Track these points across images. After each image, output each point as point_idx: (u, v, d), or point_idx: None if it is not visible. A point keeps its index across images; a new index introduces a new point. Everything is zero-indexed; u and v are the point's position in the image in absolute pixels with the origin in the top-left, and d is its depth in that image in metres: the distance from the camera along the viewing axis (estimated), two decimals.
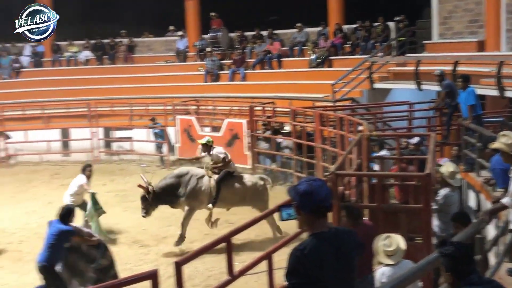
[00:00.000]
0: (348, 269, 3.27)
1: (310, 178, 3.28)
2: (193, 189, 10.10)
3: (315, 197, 3.13)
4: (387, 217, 7.34)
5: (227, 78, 19.12)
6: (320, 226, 3.19)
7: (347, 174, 7.74)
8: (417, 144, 10.18)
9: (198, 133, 15.19)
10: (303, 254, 3.09)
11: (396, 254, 5.63)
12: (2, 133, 17.52)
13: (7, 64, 21.14)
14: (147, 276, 4.52)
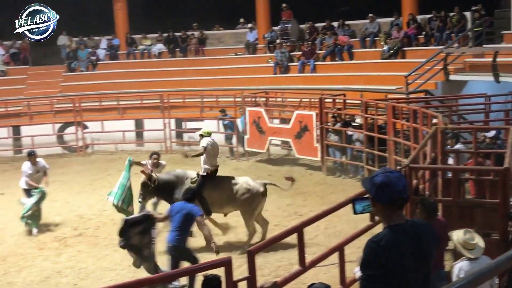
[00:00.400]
0: (425, 262, 3.21)
1: (386, 170, 3.23)
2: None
3: (393, 188, 3.08)
4: (462, 212, 7.14)
5: (296, 70, 19.07)
6: (396, 218, 3.14)
7: (421, 168, 7.58)
8: (494, 137, 9.81)
9: (268, 125, 15.25)
10: (379, 246, 3.05)
11: (477, 248, 5.47)
12: (80, 123, 18.22)
13: (85, 57, 21.95)
14: (221, 263, 4.61)
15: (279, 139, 15.64)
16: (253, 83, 18.79)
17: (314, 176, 13.89)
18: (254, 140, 15.65)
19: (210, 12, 23.98)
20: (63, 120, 18.63)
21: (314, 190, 12.67)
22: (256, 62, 20.37)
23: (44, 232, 10.49)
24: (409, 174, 6.57)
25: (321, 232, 9.69)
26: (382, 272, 3.04)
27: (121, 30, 22.82)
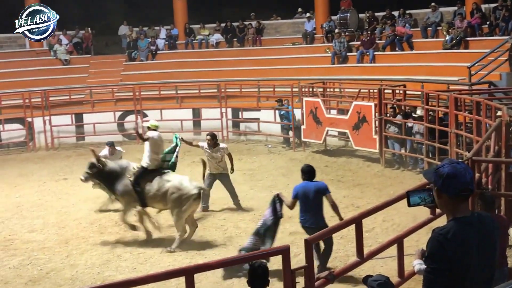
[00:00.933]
0: (491, 256, 3.11)
1: (452, 161, 3.13)
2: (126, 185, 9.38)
3: (460, 179, 2.99)
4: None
5: (355, 60, 18.80)
6: (462, 210, 3.05)
7: (484, 161, 7.36)
8: None
9: (325, 116, 15.12)
10: (446, 238, 2.96)
11: None
12: (140, 111, 18.59)
13: (145, 47, 22.35)
14: (279, 251, 4.61)
15: (336, 130, 15.49)
16: (310, 73, 18.66)
17: (372, 168, 13.70)
18: (311, 130, 15.56)
19: (267, 2, 23.98)
20: (124, 108, 19.06)
21: (371, 182, 12.50)
22: (313, 52, 20.22)
23: (104, 216, 10.77)
24: (471, 167, 6.37)
25: (378, 224, 9.56)
26: (448, 266, 2.96)
27: (180, 20, 23.11)
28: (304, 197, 7.57)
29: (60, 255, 8.92)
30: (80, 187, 12.86)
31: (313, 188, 7.60)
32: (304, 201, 7.57)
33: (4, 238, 9.80)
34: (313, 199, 7.57)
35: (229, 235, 9.52)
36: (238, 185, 12.65)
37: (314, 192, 7.58)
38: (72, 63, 22.10)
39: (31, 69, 20.96)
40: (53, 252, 9.07)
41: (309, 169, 7.79)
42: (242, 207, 11.04)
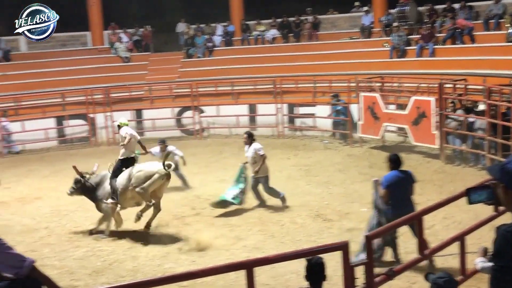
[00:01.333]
0: None
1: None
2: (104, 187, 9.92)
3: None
4: None
5: (414, 54, 18.43)
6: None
7: None
8: None
9: (383, 111, 14.91)
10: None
11: None
12: (197, 107, 18.87)
13: (201, 44, 22.64)
14: (339, 247, 4.60)
15: (394, 126, 15.25)
16: (368, 68, 18.43)
17: (432, 164, 13.42)
18: (368, 126, 15.37)
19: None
20: (181, 105, 19.40)
21: (431, 179, 12.24)
22: (371, 46, 19.95)
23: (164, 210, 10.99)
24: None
25: (438, 222, 9.36)
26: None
27: (236, 17, 23.28)
28: (399, 187, 7.39)
29: (123, 247, 9.18)
30: None
31: (405, 176, 7.49)
32: (399, 190, 7.38)
33: (69, 230, 10.16)
34: (408, 188, 7.46)
35: (286, 230, 9.55)
36: (294, 180, 12.71)
37: (407, 181, 7.48)
38: (132, 60, 22.64)
39: (93, 66, 21.64)
40: (115, 244, 9.33)
41: (397, 158, 7.63)
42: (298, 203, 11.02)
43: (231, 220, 10.23)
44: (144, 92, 20.54)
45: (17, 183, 13.62)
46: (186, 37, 23.05)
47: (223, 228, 9.80)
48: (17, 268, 3.83)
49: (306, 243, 8.76)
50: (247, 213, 10.54)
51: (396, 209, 7.23)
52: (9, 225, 10.51)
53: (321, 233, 9.26)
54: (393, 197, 7.37)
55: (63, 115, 18.60)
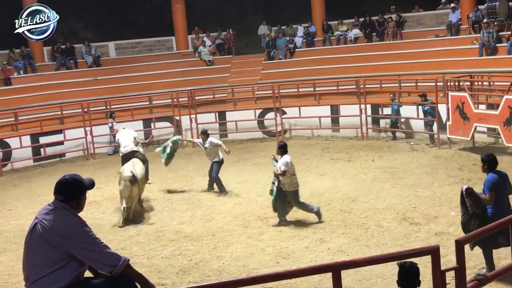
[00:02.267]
0: None
1: None
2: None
3: None
4: None
5: (505, 51, 17.56)
6: None
7: None
8: None
9: (473, 111, 14.32)
10: None
11: None
12: (279, 109, 18.91)
13: (283, 45, 22.69)
14: (429, 251, 4.44)
15: (485, 126, 14.58)
16: (455, 66, 17.77)
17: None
18: (457, 126, 14.80)
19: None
20: (263, 106, 19.51)
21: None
22: (459, 44, 19.22)
23: (248, 211, 11.11)
24: None
25: None
26: None
27: (317, 17, 23.16)
28: (500, 188, 7.13)
29: (208, 246, 9.34)
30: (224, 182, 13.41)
31: (503, 177, 7.23)
32: (501, 192, 7.12)
33: (156, 229, 10.47)
34: (506, 189, 7.21)
35: (371, 233, 9.37)
36: (380, 183, 12.46)
37: (506, 181, 7.22)
38: (215, 63, 23.07)
39: (178, 70, 22.27)
40: (201, 243, 9.52)
41: (494, 158, 7.38)
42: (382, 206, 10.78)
43: (314, 222, 10.16)
44: (227, 94, 20.86)
45: (107, 183, 14.20)
46: (267, 39, 23.20)
47: (306, 230, 9.76)
48: (112, 266, 3.98)
49: (392, 247, 8.56)
50: (331, 216, 10.43)
51: (500, 211, 6.90)
52: (101, 224, 10.97)
53: (408, 237, 9.01)
54: (498, 200, 7.08)
55: (151, 118, 19.22)
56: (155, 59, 23.10)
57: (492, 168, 7.31)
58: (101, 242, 4.02)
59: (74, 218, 4.05)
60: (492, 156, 7.44)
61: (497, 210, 7.01)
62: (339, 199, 11.48)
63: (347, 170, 13.84)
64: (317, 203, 11.24)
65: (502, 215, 6.62)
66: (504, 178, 7.26)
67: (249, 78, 21.88)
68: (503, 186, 7.16)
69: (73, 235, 3.96)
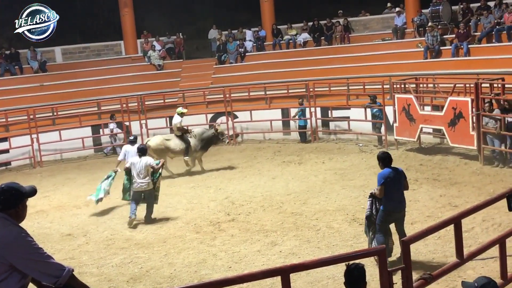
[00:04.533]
0: None
1: None
2: None
3: None
4: None
5: (449, 54, 18.11)
6: None
7: None
8: None
9: (418, 112, 14.69)
10: None
11: None
12: (230, 113, 18.92)
13: (233, 49, 22.73)
14: (376, 252, 4.54)
15: (430, 127, 15.00)
16: (401, 69, 18.20)
17: (470, 166, 13.15)
18: (404, 128, 15.17)
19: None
20: (215, 110, 19.50)
21: (469, 181, 12.00)
22: (404, 47, 19.70)
23: (199, 216, 11.06)
24: None
25: (478, 224, 9.16)
26: None
27: (267, 21, 23.30)
28: (393, 183, 7.69)
29: (159, 253, 9.25)
30: (177, 187, 13.32)
31: (398, 173, 7.80)
32: (393, 186, 7.68)
33: (106, 238, 10.29)
34: (400, 184, 7.76)
35: (322, 235, 9.48)
36: (330, 184, 12.62)
37: (399, 177, 7.78)
38: (165, 68, 22.89)
39: (127, 75, 21.96)
40: (152, 250, 9.41)
41: (388, 155, 7.95)
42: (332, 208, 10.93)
43: (266, 225, 10.21)
44: (177, 99, 20.71)
45: (54, 191, 13.88)
46: (218, 43, 23.19)
47: (258, 234, 9.79)
48: (56, 277, 3.88)
49: (343, 248, 8.68)
50: (282, 219, 10.50)
51: (393, 204, 7.74)
52: (48, 233, 10.71)
53: (358, 238, 9.15)
54: (390, 193, 7.68)
55: (99, 124, 18.90)
56: (103, 64, 22.71)
57: (386, 164, 7.82)
58: (44, 253, 3.92)
59: (15, 228, 3.93)
60: (386, 154, 7.97)
61: (389, 203, 7.72)
62: (291, 201, 11.57)
63: (298, 173, 13.97)
64: (269, 206, 11.35)
65: (396, 208, 7.78)
66: (400, 175, 7.80)
67: (200, 82, 21.81)
68: (396, 181, 7.70)
69: (14, 245, 3.84)
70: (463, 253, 5.54)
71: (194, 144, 14.79)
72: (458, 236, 5.50)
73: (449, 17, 19.24)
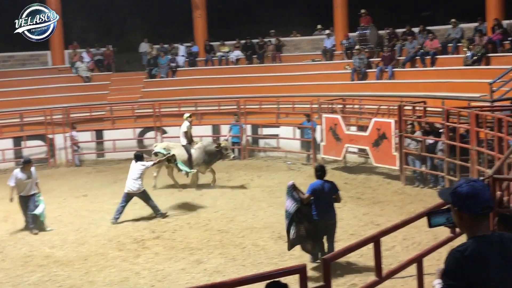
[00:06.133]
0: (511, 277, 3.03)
1: (469, 180, 3.08)
2: None
3: (480, 198, 2.95)
4: None
5: (374, 77, 18.73)
6: (482, 229, 3.01)
7: (506, 179, 7.20)
8: None
9: (344, 132, 15.05)
10: (463, 256, 2.92)
11: None
12: (160, 128, 18.69)
13: (165, 64, 22.54)
14: (295, 270, 4.55)
15: (356, 147, 15.40)
16: (330, 90, 18.62)
17: (392, 185, 13.56)
18: (331, 147, 15.49)
19: (287, 19, 24.07)
20: (143, 125, 19.20)
21: (392, 200, 12.37)
22: (333, 68, 20.20)
23: (123, 233, 10.80)
24: (492, 185, 6.25)
25: (399, 243, 9.42)
26: (464, 284, 2.91)
27: (200, 38, 23.29)
28: (322, 194, 8.42)
29: (79, 271, 8.94)
30: (100, 204, 12.97)
31: (328, 185, 8.54)
32: (321, 197, 8.41)
33: (24, 254, 9.86)
34: (329, 195, 8.48)
35: (247, 253, 9.47)
36: (257, 202, 12.66)
37: (329, 189, 8.50)
38: (93, 80, 22.36)
39: (53, 86, 21.26)
40: (72, 268, 9.09)
41: (323, 168, 8.84)
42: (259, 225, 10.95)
43: (192, 243, 10.09)
44: (105, 112, 20.27)
45: None
46: (149, 57, 22.93)
47: (183, 252, 9.66)
48: None
49: (268, 266, 8.70)
50: (208, 236, 10.42)
51: (321, 213, 8.42)
52: None
53: (283, 256, 9.20)
54: (318, 203, 8.40)
55: (21, 136, 18.17)
56: (28, 74, 21.83)
57: (318, 177, 8.60)
58: None
59: None
60: (319, 167, 8.87)
61: (318, 213, 8.45)
62: (218, 218, 11.51)
63: (227, 190, 13.93)
64: (196, 223, 11.24)
65: (323, 217, 8.47)
66: (332, 187, 8.57)
67: (129, 96, 21.44)
68: (325, 193, 8.45)
69: None
70: (381, 272, 5.66)
71: (197, 156, 14.09)
72: (377, 255, 5.62)
73: (376, 41, 19.92)
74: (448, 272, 2.97)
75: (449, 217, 3.26)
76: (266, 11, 24.74)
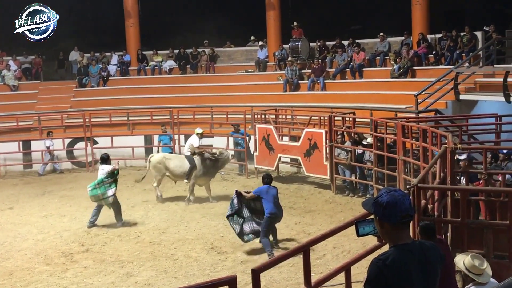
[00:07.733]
0: (433, 283, 3.16)
1: (389, 189, 3.19)
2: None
3: (400, 207, 3.05)
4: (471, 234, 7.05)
5: (306, 88, 19.08)
6: (403, 238, 3.12)
7: (430, 188, 7.50)
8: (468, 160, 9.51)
9: (277, 142, 15.22)
10: (384, 264, 3.01)
11: (485, 274, 5.36)
12: (90, 138, 18.27)
13: (96, 73, 22.09)
14: (226, 282, 4.56)
15: (288, 157, 15.60)
16: (263, 100, 18.80)
17: (323, 195, 13.82)
18: (264, 157, 15.62)
19: (221, 30, 24.16)
20: (73, 135, 18.72)
21: (322, 209, 12.60)
22: (266, 79, 20.43)
23: (51, 247, 10.47)
24: (417, 194, 6.50)
25: (329, 251, 9.62)
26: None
27: (132, 46, 22.99)
28: (271, 195, 9.87)
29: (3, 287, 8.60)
30: (27, 217, 12.53)
31: (275, 189, 10.07)
32: (270, 198, 9.84)
33: None
34: (277, 197, 10.00)
35: (179, 265, 9.39)
36: (190, 213, 12.58)
37: (276, 192, 10.02)
38: (21, 89, 21.66)
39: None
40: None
41: (269, 176, 10.31)
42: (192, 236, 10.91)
43: (122, 256, 9.90)
44: (33, 122, 19.61)
45: None
46: (79, 66, 22.41)
47: (113, 265, 9.46)
48: None
49: (200, 277, 8.66)
50: (139, 248, 10.26)
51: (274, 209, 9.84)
52: None
53: (215, 266, 9.20)
54: (269, 203, 9.82)
55: None
56: None
57: (267, 182, 10.05)
58: None
59: None
60: (267, 175, 10.38)
61: (271, 209, 9.82)
62: (149, 230, 11.36)
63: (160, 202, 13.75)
64: (126, 235, 11.05)
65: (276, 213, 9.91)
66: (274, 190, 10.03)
67: (58, 105, 20.86)
68: (273, 194, 9.92)
69: None
70: (311, 281, 5.75)
71: (198, 168, 13.67)
72: (306, 264, 5.70)
73: (307, 53, 20.32)
74: (371, 281, 3.05)
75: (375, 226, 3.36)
76: (200, 21, 24.72)
